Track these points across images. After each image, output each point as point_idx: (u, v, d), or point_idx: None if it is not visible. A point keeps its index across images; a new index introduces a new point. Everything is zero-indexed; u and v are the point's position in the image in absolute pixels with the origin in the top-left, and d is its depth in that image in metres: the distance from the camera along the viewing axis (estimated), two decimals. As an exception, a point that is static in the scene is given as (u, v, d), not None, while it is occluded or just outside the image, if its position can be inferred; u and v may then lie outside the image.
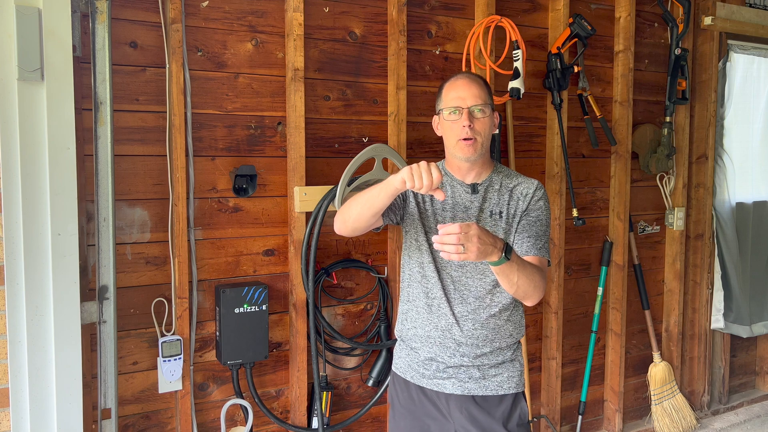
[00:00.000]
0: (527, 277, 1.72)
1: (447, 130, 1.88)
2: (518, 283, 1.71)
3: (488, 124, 1.85)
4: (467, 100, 1.83)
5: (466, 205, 1.89)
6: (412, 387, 1.95)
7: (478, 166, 1.90)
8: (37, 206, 2.00)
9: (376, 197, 1.76)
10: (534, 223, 1.87)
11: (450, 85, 1.90)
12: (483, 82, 1.90)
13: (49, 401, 2.05)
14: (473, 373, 1.87)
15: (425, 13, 2.85)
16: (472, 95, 1.84)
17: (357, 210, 1.83)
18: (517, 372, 1.92)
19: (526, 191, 1.90)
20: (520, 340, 1.96)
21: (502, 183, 1.91)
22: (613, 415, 3.50)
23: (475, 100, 1.83)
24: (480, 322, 1.85)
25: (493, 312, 1.86)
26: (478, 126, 1.83)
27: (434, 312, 1.88)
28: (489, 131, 1.86)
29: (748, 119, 3.95)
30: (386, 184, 1.73)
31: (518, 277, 1.70)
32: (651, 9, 3.50)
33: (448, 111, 1.86)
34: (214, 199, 2.45)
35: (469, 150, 1.83)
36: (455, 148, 1.86)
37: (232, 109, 2.46)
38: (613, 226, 3.43)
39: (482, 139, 1.84)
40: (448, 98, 1.88)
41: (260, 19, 2.50)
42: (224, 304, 2.38)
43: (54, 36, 1.99)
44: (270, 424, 2.60)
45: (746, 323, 3.82)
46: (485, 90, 1.88)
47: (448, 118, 1.86)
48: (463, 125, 1.82)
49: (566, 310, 3.34)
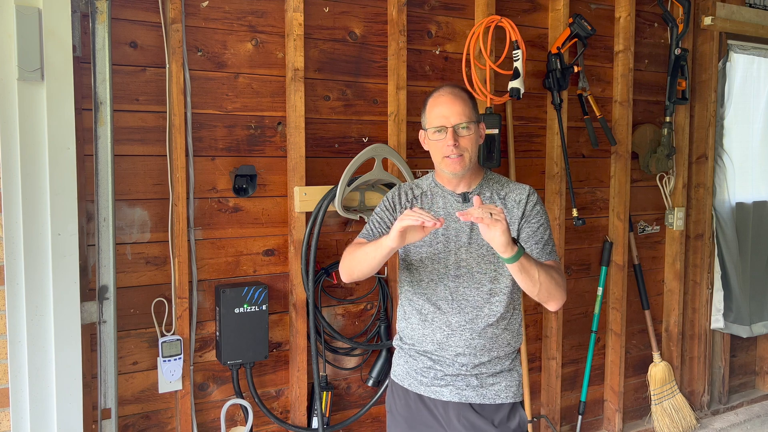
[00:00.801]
0: (547, 274, 1.71)
1: (432, 148, 1.88)
2: (540, 280, 1.69)
3: (473, 140, 1.85)
4: (451, 119, 1.82)
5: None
6: (410, 395, 1.94)
7: (467, 177, 1.90)
8: (37, 206, 2.00)
9: (372, 257, 1.78)
10: (537, 230, 1.87)
11: (433, 102, 1.88)
12: (467, 96, 1.88)
13: (49, 401, 2.05)
14: (471, 381, 1.86)
15: (425, 13, 2.85)
16: (455, 113, 1.82)
17: (357, 267, 1.86)
18: (515, 382, 1.91)
19: (519, 197, 1.89)
20: (518, 349, 1.96)
21: (493, 191, 1.90)
22: (613, 415, 3.50)
23: (459, 119, 1.82)
24: (477, 332, 1.84)
25: (491, 321, 1.85)
26: (464, 143, 1.82)
27: (431, 322, 1.88)
28: (475, 145, 1.86)
29: (748, 119, 3.95)
30: (380, 246, 1.73)
31: (539, 273, 1.69)
32: (651, 9, 3.50)
33: (432, 130, 1.86)
34: (214, 199, 2.45)
35: (456, 166, 1.83)
36: (442, 164, 1.86)
37: (232, 109, 2.47)
38: (613, 226, 3.43)
39: (469, 154, 1.84)
40: (432, 116, 1.86)
41: (260, 19, 2.50)
42: (224, 304, 2.38)
43: (54, 36, 1.99)
44: (270, 424, 2.60)
45: (746, 323, 3.82)
46: (469, 105, 1.86)
47: (433, 137, 1.86)
48: (448, 144, 1.81)
49: (566, 310, 3.34)
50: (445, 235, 1.87)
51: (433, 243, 1.87)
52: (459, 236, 1.86)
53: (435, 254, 1.87)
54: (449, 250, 1.86)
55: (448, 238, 1.86)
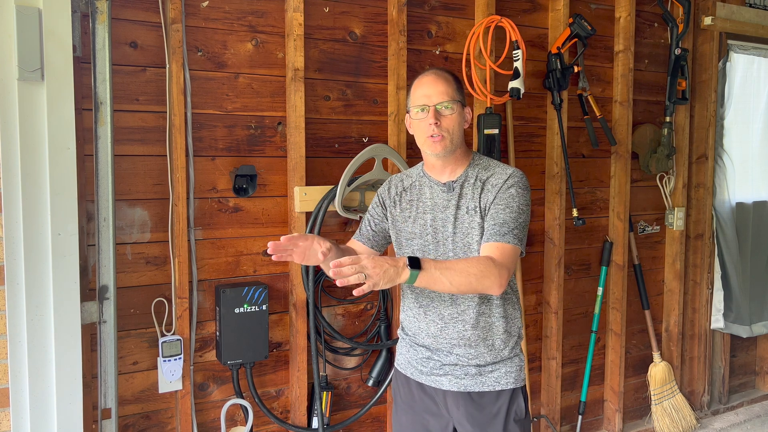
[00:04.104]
0: (458, 274, 1.65)
1: (416, 128, 1.87)
2: (452, 284, 1.64)
3: (456, 121, 1.83)
4: (433, 98, 1.81)
5: (444, 205, 1.87)
6: (412, 383, 1.95)
7: (451, 163, 1.88)
8: (37, 206, 2.00)
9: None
10: (502, 210, 1.79)
11: (417, 83, 1.88)
12: (451, 78, 1.87)
13: (49, 401, 2.05)
14: (469, 370, 1.87)
15: (425, 13, 2.85)
16: (437, 92, 1.81)
17: None
18: (516, 368, 1.90)
19: (497, 181, 1.84)
20: (518, 336, 1.94)
21: (477, 176, 1.87)
22: (613, 415, 3.50)
23: (441, 97, 1.81)
24: (470, 323, 1.84)
25: (483, 311, 1.85)
26: (446, 123, 1.81)
27: (425, 315, 1.89)
28: (458, 127, 1.84)
29: (748, 119, 3.95)
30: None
31: (448, 279, 1.63)
32: (651, 9, 3.50)
33: (415, 109, 1.84)
34: (214, 199, 2.45)
35: (437, 147, 1.81)
36: (424, 145, 1.85)
37: (232, 109, 2.46)
38: (613, 226, 3.43)
39: (450, 136, 1.82)
40: (415, 96, 1.86)
41: (260, 19, 2.50)
42: (224, 304, 2.38)
43: (54, 36, 1.99)
44: (270, 424, 2.60)
45: (746, 323, 3.82)
46: (453, 85, 1.84)
47: (416, 116, 1.85)
48: (430, 123, 1.80)
49: (566, 310, 3.34)
50: (433, 227, 1.87)
51: (423, 234, 1.88)
52: (445, 226, 1.86)
53: (425, 246, 1.88)
54: (437, 241, 1.86)
55: (436, 229, 1.87)
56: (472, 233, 1.83)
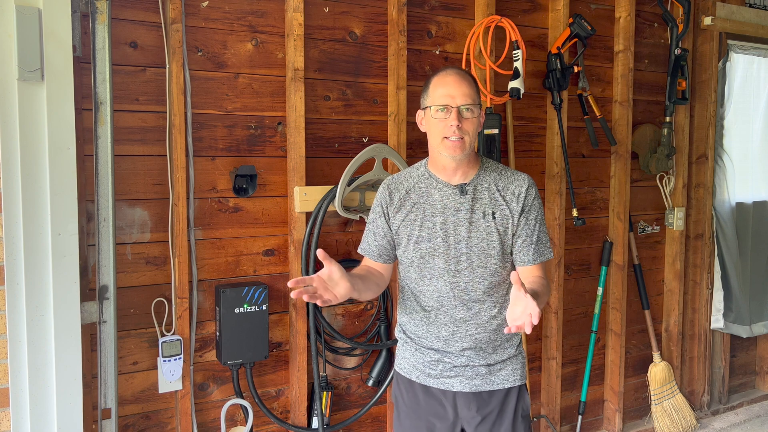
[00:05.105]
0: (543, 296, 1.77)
1: (433, 128, 1.83)
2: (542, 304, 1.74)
3: (476, 124, 1.82)
4: (457, 99, 1.79)
5: (456, 208, 1.84)
6: (416, 386, 1.94)
7: (464, 165, 1.86)
8: (37, 206, 2.00)
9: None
10: (534, 226, 1.86)
11: (439, 81, 1.84)
12: (472, 80, 1.86)
13: (49, 401, 2.05)
14: (480, 370, 1.88)
15: (425, 13, 2.85)
16: (462, 94, 1.79)
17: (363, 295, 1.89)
18: (520, 365, 1.94)
19: (518, 190, 1.86)
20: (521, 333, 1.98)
21: (493, 181, 1.87)
22: (613, 415, 3.50)
23: (464, 99, 1.79)
24: (482, 325, 1.85)
25: (494, 313, 1.86)
26: (467, 126, 1.79)
27: (435, 319, 1.88)
28: (476, 130, 1.83)
29: (748, 119, 3.95)
30: None
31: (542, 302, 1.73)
32: (651, 9, 3.50)
33: (435, 108, 1.81)
34: (214, 199, 2.45)
35: (456, 149, 1.79)
36: (441, 146, 1.82)
37: (232, 109, 2.47)
38: (613, 226, 3.43)
39: (470, 139, 1.81)
40: (437, 95, 1.82)
41: (260, 19, 2.50)
42: (224, 304, 2.38)
43: (54, 36, 1.99)
44: (270, 424, 2.60)
45: (746, 323, 3.82)
46: (474, 88, 1.83)
47: (436, 116, 1.81)
48: (451, 125, 1.77)
49: (566, 310, 3.34)
50: (443, 230, 1.84)
51: (432, 238, 1.85)
52: (458, 230, 1.83)
53: (434, 249, 1.85)
54: (448, 244, 1.84)
55: (447, 232, 1.84)
56: (488, 239, 1.83)
